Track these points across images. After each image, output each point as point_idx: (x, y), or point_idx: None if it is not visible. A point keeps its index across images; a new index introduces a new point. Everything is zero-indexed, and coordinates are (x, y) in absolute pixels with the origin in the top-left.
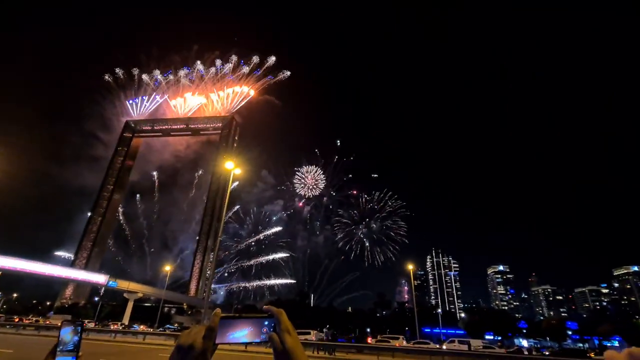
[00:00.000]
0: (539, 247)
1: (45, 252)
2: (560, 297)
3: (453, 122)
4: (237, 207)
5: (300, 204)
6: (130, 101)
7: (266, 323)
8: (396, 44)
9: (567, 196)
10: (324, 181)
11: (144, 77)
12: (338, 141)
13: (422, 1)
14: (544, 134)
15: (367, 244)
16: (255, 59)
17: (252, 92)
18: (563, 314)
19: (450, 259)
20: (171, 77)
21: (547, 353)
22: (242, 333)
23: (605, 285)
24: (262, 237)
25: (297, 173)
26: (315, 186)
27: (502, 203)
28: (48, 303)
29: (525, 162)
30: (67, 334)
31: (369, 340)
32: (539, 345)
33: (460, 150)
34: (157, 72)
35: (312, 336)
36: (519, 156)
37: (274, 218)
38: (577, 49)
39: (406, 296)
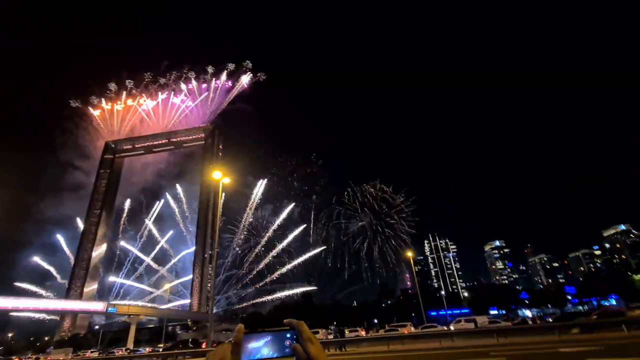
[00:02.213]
0: (530, 217)
1: (34, 285)
2: (557, 264)
3: (450, 117)
4: (224, 218)
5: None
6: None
7: (288, 336)
8: (390, 41)
9: (554, 166)
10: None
11: (115, 95)
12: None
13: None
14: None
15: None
16: (231, 66)
17: (230, 99)
18: (561, 280)
19: (447, 240)
20: (144, 94)
21: (550, 320)
22: (266, 347)
23: (597, 247)
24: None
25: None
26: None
27: (491, 180)
28: (46, 338)
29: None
30: None
31: (362, 332)
32: (542, 314)
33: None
34: (129, 88)
35: (322, 335)
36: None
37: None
38: (577, 48)
39: (408, 283)
